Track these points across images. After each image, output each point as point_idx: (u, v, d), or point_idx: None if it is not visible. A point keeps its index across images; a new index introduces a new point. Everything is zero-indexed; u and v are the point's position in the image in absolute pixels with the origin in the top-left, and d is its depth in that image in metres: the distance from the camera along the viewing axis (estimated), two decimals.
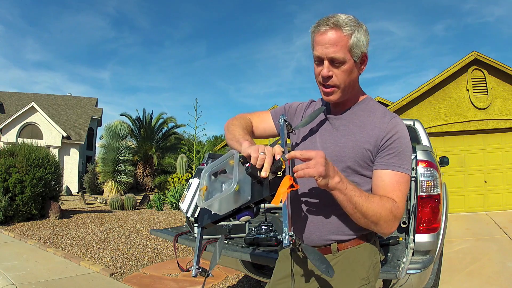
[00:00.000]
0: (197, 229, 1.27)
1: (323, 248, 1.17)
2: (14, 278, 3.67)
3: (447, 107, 8.97)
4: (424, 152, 2.09)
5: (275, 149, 1.02)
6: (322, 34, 1.08)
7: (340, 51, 1.07)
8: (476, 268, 4.17)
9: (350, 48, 1.08)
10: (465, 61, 8.74)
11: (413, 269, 1.84)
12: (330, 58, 1.08)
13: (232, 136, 1.27)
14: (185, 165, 13.77)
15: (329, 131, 1.22)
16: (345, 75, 1.11)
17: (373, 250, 1.20)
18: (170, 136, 21.55)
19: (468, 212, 8.56)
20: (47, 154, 8.32)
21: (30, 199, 7.31)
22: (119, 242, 5.59)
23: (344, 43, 1.07)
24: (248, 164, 1.00)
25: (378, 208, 1.03)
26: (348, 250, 1.16)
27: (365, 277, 1.14)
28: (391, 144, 1.11)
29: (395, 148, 1.11)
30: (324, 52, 1.08)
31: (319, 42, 1.09)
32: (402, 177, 1.10)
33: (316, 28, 1.11)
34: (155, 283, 3.77)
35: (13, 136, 18.38)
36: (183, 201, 2.77)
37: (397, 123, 1.14)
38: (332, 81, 1.11)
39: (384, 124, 1.14)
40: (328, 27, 1.07)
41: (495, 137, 8.68)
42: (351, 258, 1.15)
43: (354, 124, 1.18)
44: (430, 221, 1.98)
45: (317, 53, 1.10)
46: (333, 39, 1.07)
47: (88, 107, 23.14)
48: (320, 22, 1.10)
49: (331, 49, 1.07)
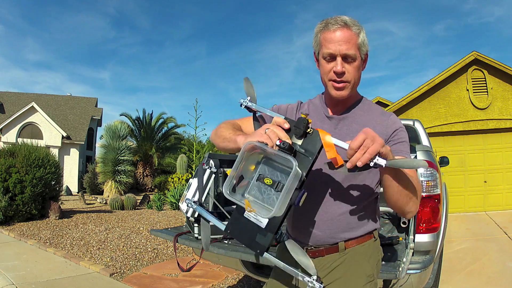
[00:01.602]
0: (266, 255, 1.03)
1: (330, 248, 1.18)
2: (14, 278, 3.67)
3: (447, 107, 8.97)
4: (424, 152, 2.09)
5: (275, 120, 1.03)
6: (333, 32, 1.12)
7: (352, 48, 1.12)
8: (476, 268, 4.17)
9: (359, 46, 1.13)
10: (465, 61, 8.74)
11: (413, 269, 1.84)
12: (343, 55, 1.12)
13: (222, 139, 1.23)
14: (185, 165, 13.77)
15: (331, 131, 1.22)
16: (355, 71, 1.15)
17: (377, 248, 1.23)
18: (170, 136, 21.54)
19: (468, 212, 8.56)
20: (47, 154, 8.32)
21: (30, 199, 7.31)
22: (119, 242, 5.59)
23: (355, 41, 1.12)
24: (280, 140, 0.94)
25: (412, 182, 1.07)
26: (354, 248, 1.18)
27: (371, 274, 1.16)
28: (396, 136, 1.18)
29: (400, 139, 1.18)
30: (338, 49, 1.11)
31: (331, 40, 1.12)
32: None
33: (325, 27, 1.14)
34: (155, 283, 3.77)
35: (13, 136, 18.38)
36: (183, 201, 2.77)
37: (396, 119, 1.23)
38: (345, 77, 1.15)
39: (385, 121, 1.20)
40: (338, 25, 1.12)
41: (495, 137, 8.67)
42: (357, 255, 1.17)
43: (356, 123, 1.21)
44: (430, 221, 1.98)
45: (329, 51, 1.13)
46: (346, 36, 1.11)
47: (88, 107, 23.14)
48: (328, 21, 1.14)
49: (345, 46, 1.11)
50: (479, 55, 8.57)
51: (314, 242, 1.20)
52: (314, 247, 1.20)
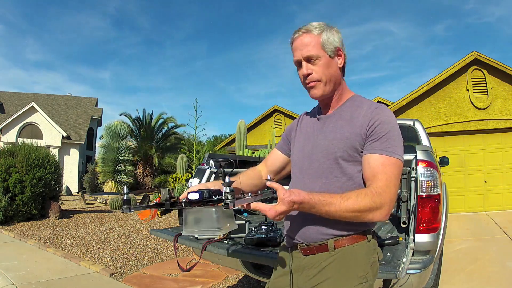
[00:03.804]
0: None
1: (320, 246, 1.19)
2: (14, 278, 3.67)
3: (447, 107, 8.97)
4: (424, 152, 2.09)
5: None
6: (295, 40, 1.23)
7: (313, 49, 1.20)
8: (476, 268, 4.17)
9: (322, 45, 1.20)
10: (465, 61, 8.74)
11: (413, 269, 1.84)
12: (306, 57, 1.21)
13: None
14: (185, 165, 13.78)
15: (320, 129, 1.29)
16: (323, 69, 1.21)
17: (370, 249, 1.21)
18: (170, 136, 21.55)
19: (468, 212, 8.56)
20: (47, 154, 8.32)
21: (30, 199, 7.31)
22: (119, 242, 5.59)
23: (316, 42, 1.20)
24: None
25: (354, 204, 1.06)
26: (345, 248, 1.17)
27: (362, 276, 1.15)
28: (374, 130, 1.17)
29: (378, 132, 1.17)
30: (300, 53, 1.22)
31: (295, 48, 1.23)
32: (387, 160, 1.14)
33: (291, 38, 1.25)
34: (155, 283, 3.77)
35: (13, 136, 18.38)
36: None
37: (381, 110, 1.21)
38: (312, 77, 1.22)
39: (368, 113, 1.20)
40: (300, 33, 1.22)
41: (495, 137, 8.67)
42: (348, 256, 1.17)
43: (342, 119, 1.25)
44: (430, 221, 1.98)
45: (295, 58, 1.24)
46: (306, 41, 1.21)
47: (88, 107, 23.14)
48: (293, 32, 1.25)
49: (305, 49, 1.20)
50: (479, 55, 8.57)
51: (305, 239, 1.22)
52: (306, 244, 1.22)
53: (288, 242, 1.31)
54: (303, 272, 1.22)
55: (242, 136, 11.17)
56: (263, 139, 17.51)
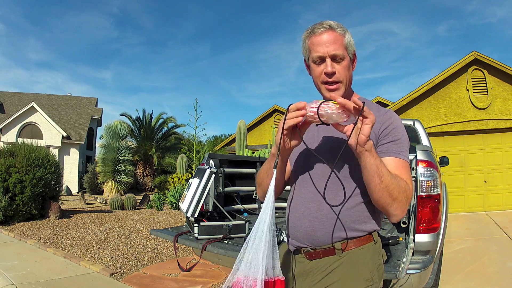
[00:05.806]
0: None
1: (326, 250, 1.16)
2: (14, 278, 3.67)
3: (447, 107, 8.97)
4: (424, 152, 2.09)
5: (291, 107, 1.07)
6: (319, 35, 1.16)
7: (340, 48, 1.15)
8: (476, 268, 4.17)
9: (345, 46, 1.17)
10: (465, 61, 8.74)
11: (413, 269, 1.84)
12: (332, 55, 1.15)
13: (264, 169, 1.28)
14: (185, 165, 13.77)
15: (328, 130, 1.22)
16: (345, 70, 1.18)
17: (376, 252, 1.19)
18: (170, 136, 21.54)
19: (468, 212, 8.56)
20: (47, 154, 8.32)
21: (30, 199, 7.31)
22: (119, 242, 5.59)
23: (341, 41, 1.16)
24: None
25: (397, 182, 1.05)
26: (352, 251, 1.15)
27: (369, 278, 1.13)
28: (388, 133, 1.16)
29: (393, 136, 1.15)
30: (326, 50, 1.15)
31: (319, 43, 1.16)
32: (404, 163, 1.14)
33: (311, 33, 1.19)
34: (155, 283, 3.77)
35: (13, 136, 18.37)
36: (183, 201, 2.77)
37: (392, 114, 1.21)
38: (336, 77, 1.17)
39: (380, 116, 1.18)
40: (324, 29, 1.16)
41: (495, 137, 8.67)
42: (355, 259, 1.15)
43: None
44: (430, 221, 1.98)
45: (318, 54, 1.16)
46: (332, 38, 1.15)
47: (88, 107, 23.13)
48: (314, 27, 1.18)
49: (332, 47, 1.14)
50: (479, 55, 8.57)
51: (311, 242, 1.17)
52: (311, 249, 1.18)
53: (291, 245, 1.26)
54: (307, 277, 1.18)
55: (242, 136, 11.17)
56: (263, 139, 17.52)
